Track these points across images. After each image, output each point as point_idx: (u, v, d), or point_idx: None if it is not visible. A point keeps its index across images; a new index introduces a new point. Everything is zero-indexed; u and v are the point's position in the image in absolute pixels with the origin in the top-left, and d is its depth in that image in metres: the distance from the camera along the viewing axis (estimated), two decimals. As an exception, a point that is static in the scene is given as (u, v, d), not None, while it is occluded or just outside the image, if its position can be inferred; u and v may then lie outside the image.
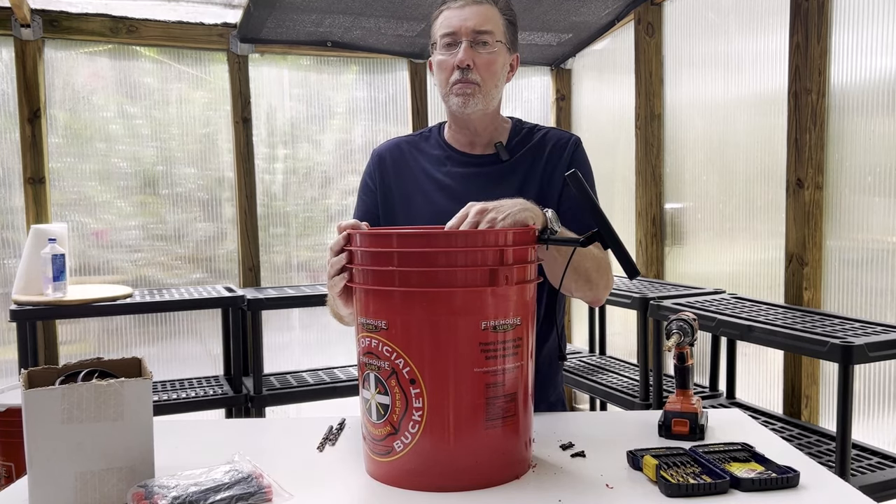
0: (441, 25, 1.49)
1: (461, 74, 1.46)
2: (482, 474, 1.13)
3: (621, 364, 3.37)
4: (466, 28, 1.46)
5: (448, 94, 1.50)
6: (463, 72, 1.46)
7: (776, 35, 2.70)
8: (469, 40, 1.45)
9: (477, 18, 1.46)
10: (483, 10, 1.47)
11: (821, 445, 2.23)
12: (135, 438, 1.11)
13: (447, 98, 1.51)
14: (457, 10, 1.47)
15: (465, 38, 1.45)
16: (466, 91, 1.47)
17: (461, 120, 1.53)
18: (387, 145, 1.63)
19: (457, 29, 1.46)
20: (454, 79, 1.47)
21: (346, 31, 3.37)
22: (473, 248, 1.12)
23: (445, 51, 1.48)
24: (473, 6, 1.47)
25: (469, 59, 1.45)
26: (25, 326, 2.78)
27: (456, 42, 1.46)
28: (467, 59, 1.45)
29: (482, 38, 1.46)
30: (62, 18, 3.18)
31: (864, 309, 2.44)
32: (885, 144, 2.35)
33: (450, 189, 1.53)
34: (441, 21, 1.50)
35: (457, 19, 1.46)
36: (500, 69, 1.50)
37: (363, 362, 1.18)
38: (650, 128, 3.36)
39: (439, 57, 1.49)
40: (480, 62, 1.46)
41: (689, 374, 1.39)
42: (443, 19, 1.49)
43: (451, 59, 1.47)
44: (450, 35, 1.47)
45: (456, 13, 1.47)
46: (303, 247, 3.67)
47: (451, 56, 1.47)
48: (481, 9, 1.47)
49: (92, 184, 3.29)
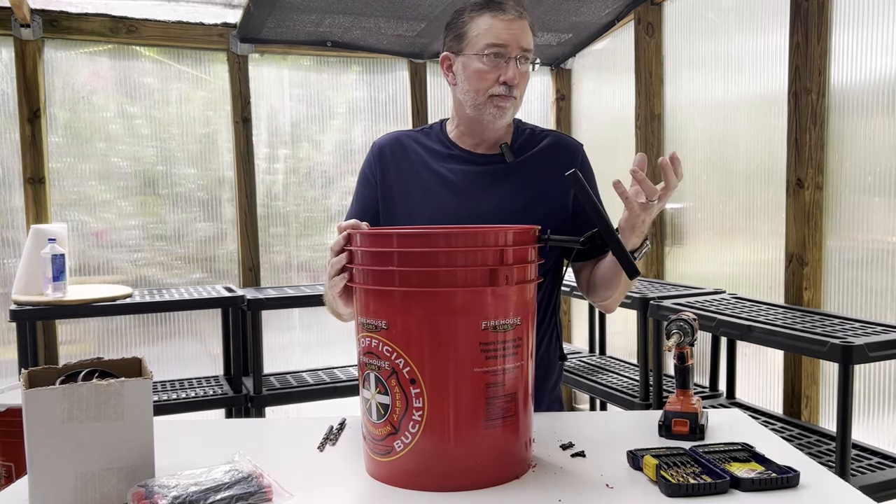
0: (486, 33, 1.45)
1: (506, 90, 1.46)
2: (482, 474, 1.13)
3: (621, 364, 3.37)
4: (517, 45, 1.45)
5: (484, 104, 1.48)
6: (509, 88, 1.45)
7: (776, 35, 2.70)
8: (516, 57, 1.45)
9: (525, 36, 1.46)
10: (525, 25, 1.48)
11: (821, 445, 2.23)
12: (135, 438, 1.11)
13: (481, 107, 1.48)
14: (506, 23, 1.45)
15: (514, 54, 1.45)
16: (505, 105, 1.47)
17: (479, 125, 1.52)
18: (387, 138, 1.61)
19: (507, 43, 1.44)
20: (497, 92, 1.46)
21: (346, 31, 3.37)
22: (473, 248, 1.12)
23: (489, 62, 1.45)
24: (520, 21, 1.46)
25: (517, 76, 1.45)
26: (25, 326, 2.78)
27: (503, 56, 1.45)
28: (516, 77, 1.45)
29: (527, 55, 1.47)
30: (62, 18, 3.18)
31: (864, 309, 2.44)
32: (885, 144, 2.35)
33: (452, 184, 1.53)
34: (485, 28, 1.45)
35: (507, 33, 1.44)
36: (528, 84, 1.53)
37: (363, 362, 1.18)
38: (650, 128, 3.36)
39: (479, 66, 1.46)
40: (521, 79, 1.47)
41: (690, 374, 1.39)
42: (488, 27, 1.45)
43: (496, 73, 1.45)
44: (498, 47, 1.44)
45: (505, 25, 1.44)
46: (303, 247, 3.67)
47: (495, 69, 1.45)
48: (524, 24, 1.47)
49: (92, 184, 3.29)
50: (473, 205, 1.50)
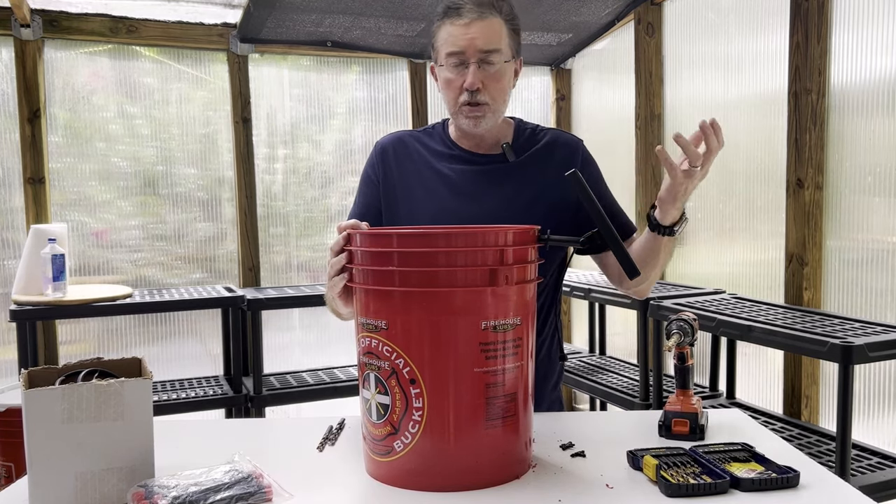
0: (445, 42, 1.43)
1: (470, 96, 1.42)
2: (482, 474, 1.13)
3: (621, 364, 3.37)
4: (474, 48, 1.40)
5: (457, 114, 1.47)
6: (472, 94, 1.42)
7: (776, 35, 2.70)
8: (476, 61, 1.41)
9: (484, 37, 1.40)
10: (488, 24, 1.41)
11: (821, 445, 2.23)
12: (135, 438, 1.11)
13: (456, 117, 1.48)
14: (462, 28, 1.40)
15: (473, 59, 1.41)
16: (477, 114, 1.44)
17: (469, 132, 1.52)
18: (390, 138, 1.61)
19: (463, 49, 1.41)
20: (463, 100, 1.44)
21: (346, 31, 3.37)
22: (473, 248, 1.12)
23: (453, 70, 1.43)
24: (479, 22, 1.40)
25: (478, 81, 1.41)
26: (25, 326, 2.78)
27: (463, 62, 1.42)
28: (476, 83, 1.41)
29: (490, 56, 1.41)
30: (62, 18, 3.18)
31: (864, 309, 2.44)
32: (885, 144, 2.35)
33: (454, 184, 1.53)
34: (445, 37, 1.43)
35: (463, 39, 1.40)
36: (507, 84, 1.47)
37: (363, 362, 1.18)
38: (650, 128, 3.36)
39: (447, 75, 1.45)
40: (489, 82, 1.43)
41: (690, 374, 1.39)
42: (447, 35, 1.43)
43: (459, 80, 1.43)
44: (456, 55, 1.42)
45: (461, 30, 1.40)
46: (303, 247, 3.67)
47: (458, 76, 1.43)
48: (486, 24, 1.41)
49: (92, 184, 3.29)
50: (475, 205, 1.50)
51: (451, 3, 1.43)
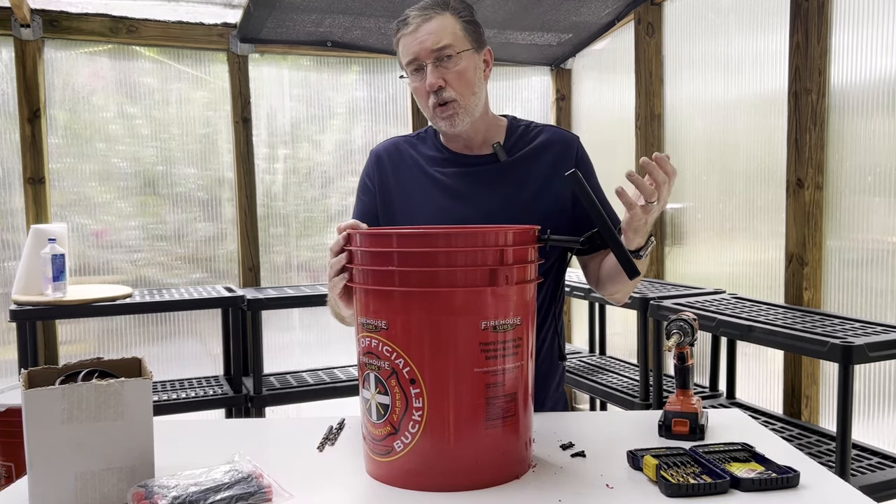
0: (403, 53, 1.47)
1: (436, 97, 1.45)
2: (482, 474, 1.13)
3: (621, 364, 3.37)
4: (425, 50, 1.43)
5: (433, 118, 1.50)
6: (437, 94, 1.44)
7: (776, 35, 2.70)
8: (432, 62, 1.43)
9: (432, 37, 1.42)
10: (435, 24, 1.43)
11: (821, 445, 2.23)
12: (135, 438, 1.11)
13: (434, 121, 1.51)
14: (410, 36, 1.44)
15: (427, 60, 1.43)
16: (448, 113, 1.46)
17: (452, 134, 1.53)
18: (384, 145, 1.63)
19: (416, 54, 1.44)
20: (432, 102, 1.46)
21: (346, 31, 3.37)
22: (473, 248, 1.12)
23: (415, 77, 1.47)
24: (425, 24, 1.43)
25: (438, 80, 1.43)
26: (25, 326, 2.78)
27: (421, 67, 1.45)
28: (437, 82, 1.43)
29: (444, 52, 1.43)
30: (62, 18, 3.18)
31: (864, 309, 2.44)
32: (885, 144, 2.35)
33: (448, 188, 1.53)
34: (402, 49, 1.48)
35: (414, 44, 1.44)
36: (473, 75, 1.47)
37: (363, 362, 1.18)
38: (650, 128, 3.36)
39: (412, 84, 1.49)
40: (451, 78, 1.44)
41: (690, 374, 1.39)
42: (402, 47, 1.47)
43: (423, 85, 1.45)
44: (413, 62, 1.45)
45: (411, 38, 1.44)
46: (303, 247, 3.67)
47: (421, 82, 1.46)
48: (433, 24, 1.43)
49: (92, 184, 3.29)
50: (470, 207, 1.50)
51: (399, 18, 1.48)
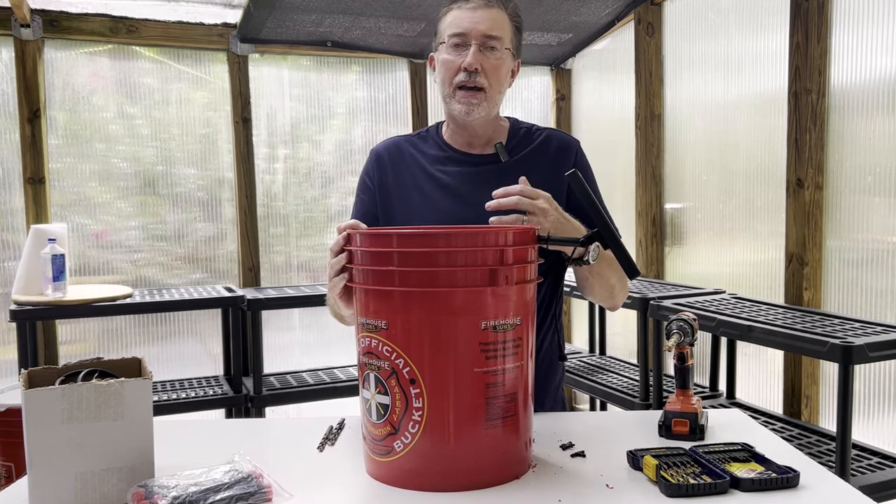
0: (450, 24, 1.47)
1: (467, 77, 1.45)
2: (482, 474, 1.13)
3: (621, 364, 3.37)
4: (477, 31, 1.44)
5: (451, 97, 1.48)
6: (470, 74, 1.44)
7: (776, 35, 2.70)
8: (478, 44, 1.44)
9: (488, 23, 1.44)
10: (494, 14, 1.46)
11: (821, 445, 2.23)
12: (135, 438, 1.11)
13: (449, 100, 1.49)
14: (468, 12, 1.45)
15: (475, 41, 1.44)
16: (472, 101, 1.46)
17: (461, 123, 1.53)
18: (385, 144, 1.63)
19: (467, 31, 1.44)
20: (459, 80, 1.46)
21: (346, 31, 3.37)
22: (473, 248, 1.12)
23: (453, 51, 1.46)
24: (485, 9, 1.45)
25: (478, 62, 1.44)
26: (25, 326, 2.78)
27: (465, 44, 1.45)
28: (476, 63, 1.44)
29: (491, 42, 1.45)
30: (62, 18, 3.18)
31: (864, 309, 2.44)
32: (885, 144, 2.35)
33: (448, 188, 1.53)
34: (450, 20, 1.48)
35: (468, 21, 1.45)
36: (505, 75, 1.50)
37: (363, 362, 1.18)
38: (650, 128, 3.36)
39: (445, 56, 1.48)
40: (488, 66, 1.45)
41: (689, 374, 1.39)
42: (452, 18, 1.47)
43: (458, 60, 1.45)
44: (459, 35, 1.45)
45: (467, 14, 1.45)
46: (303, 247, 3.67)
47: (458, 57, 1.45)
48: (492, 13, 1.45)
49: (92, 184, 3.29)
50: (471, 206, 1.50)
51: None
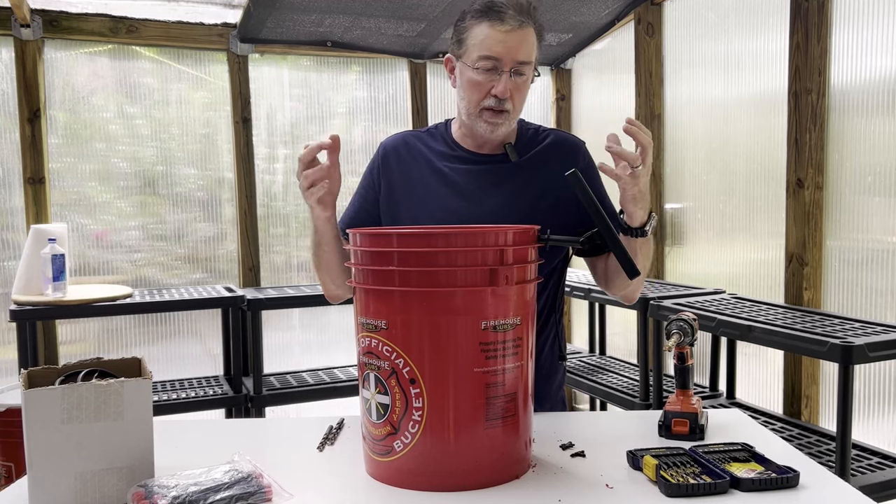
0: (482, 44, 1.42)
1: (496, 102, 1.43)
2: (482, 474, 1.13)
3: (621, 364, 3.37)
4: (510, 58, 1.41)
5: (476, 117, 1.47)
6: (500, 101, 1.43)
7: (776, 35, 2.70)
8: (510, 70, 1.42)
9: (521, 48, 1.42)
10: (525, 35, 1.42)
11: (821, 445, 2.23)
12: (135, 438, 1.11)
13: (474, 120, 1.48)
14: (502, 34, 1.40)
15: (507, 68, 1.42)
16: (498, 121, 1.46)
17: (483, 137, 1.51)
18: (393, 138, 1.62)
19: (500, 56, 1.41)
20: (487, 104, 1.44)
21: (346, 31, 3.37)
22: (473, 247, 1.12)
23: (482, 73, 1.43)
24: (518, 31, 1.41)
25: (508, 91, 1.43)
26: (25, 326, 2.78)
27: (495, 68, 1.42)
28: (507, 92, 1.43)
29: (522, 68, 1.43)
30: (62, 18, 3.18)
31: (864, 309, 2.44)
32: (885, 144, 2.35)
33: (456, 185, 1.53)
34: (482, 38, 1.42)
35: (501, 46, 1.41)
36: (527, 91, 1.49)
37: (363, 362, 1.18)
38: (650, 128, 3.36)
39: (474, 76, 1.44)
40: (515, 91, 1.44)
41: (689, 374, 1.39)
42: (483, 36, 1.42)
43: (488, 85, 1.43)
44: (492, 60, 1.42)
45: (501, 37, 1.40)
46: (303, 247, 3.67)
47: (488, 81, 1.43)
48: (524, 34, 1.42)
49: (92, 184, 3.29)
50: (477, 205, 1.50)
51: (492, 5, 1.42)
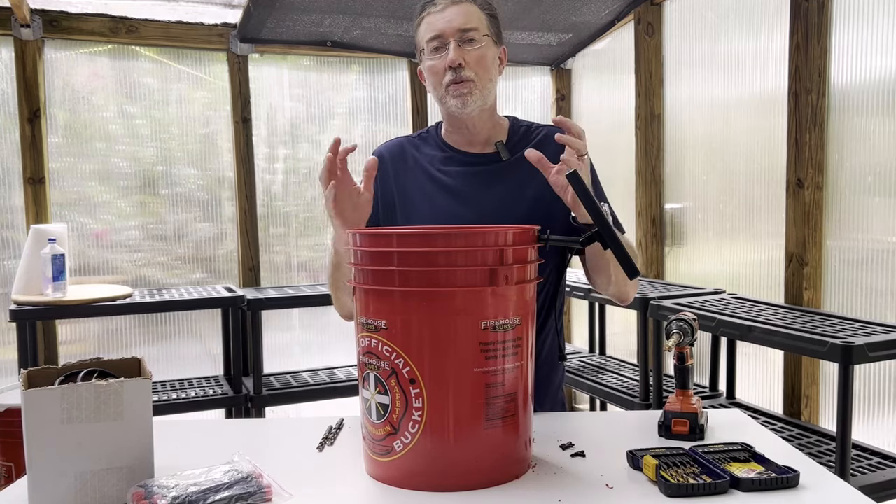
0: (426, 31, 1.50)
1: (454, 74, 1.46)
2: (482, 474, 1.13)
3: (621, 364, 3.37)
4: (452, 28, 1.46)
5: (444, 97, 1.50)
6: (455, 71, 1.46)
7: (776, 35, 2.70)
8: (456, 40, 1.46)
9: (460, 18, 1.47)
10: (463, 8, 1.48)
11: (821, 445, 2.23)
12: (135, 438, 1.11)
13: (444, 100, 1.51)
14: (438, 14, 1.48)
15: (452, 38, 1.46)
16: (463, 91, 1.47)
17: (459, 120, 1.53)
18: (387, 145, 1.63)
19: (442, 31, 1.47)
20: (447, 80, 1.47)
21: (346, 31, 3.37)
22: (473, 248, 1.12)
23: (434, 55, 1.49)
24: (453, 7, 1.48)
25: (459, 57, 1.46)
26: (25, 326, 2.78)
27: (443, 45, 1.47)
28: (458, 58, 1.45)
29: (468, 35, 1.47)
30: (62, 18, 3.18)
31: (864, 309, 2.44)
32: (885, 144, 2.35)
33: (450, 188, 1.53)
34: (425, 27, 1.51)
35: (441, 22, 1.47)
36: (492, 63, 1.51)
37: (363, 362, 1.18)
38: (650, 128, 3.36)
39: (429, 62, 1.50)
40: (471, 59, 1.47)
41: (689, 374, 1.39)
42: (426, 25, 1.50)
43: (442, 63, 1.47)
44: (436, 38, 1.48)
45: (438, 16, 1.48)
46: (303, 247, 3.67)
47: (440, 59, 1.47)
48: (462, 8, 1.48)
49: (92, 184, 3.29)
50: (473, 206, 1.50)
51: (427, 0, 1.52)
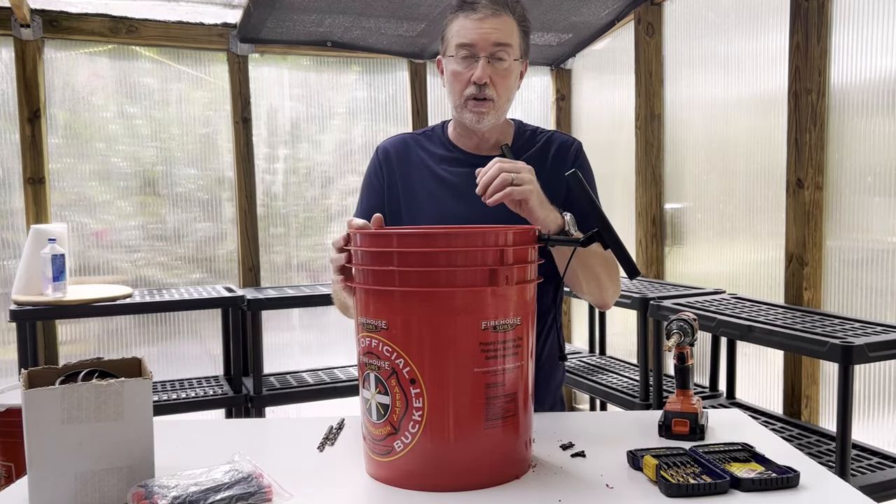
0: (457, 34, 1.46)
1: (477, 90, 1.44)
2: (482, 474, 1.13)
3: (621, 364, 3.37)
4: (486, 42, 1.43)
5: (462, 108, 1.48)
6: (479, 88, 1.44)
7: (776, 35, 2.70)
8: (486, 56, 1.43)
9: (496, 33, 1.43)
10: (501, 22, 1.44)
11: (821, 445, 2.23)
12: (135, 438, 1.11)
13: (460, 111, 1.49)
14: (476, 22, 1.44)
15: (483, 53, 1.43)
16: (482, 109, 1.46)
17: (470, 129, 1.53)
18: (392, 141, 1.62)
19: (475, 42, 1.43)
20: (469, 93, 1.45)
21: (346, 31, 3.37)
22: (473, 248, 1.12)
23: (462, 63, 1.46)
24: (493, 18, 1.43)
25: (486, 76, 1.43)
26: (25, 326, 2.78)
27: (473, 55, 1.44)
28: (485, 77, 1.43)
29: (499, 52, 1.44)
30: (62, 18, 3.18)
31: (864, 309, 2.44)
32: (885, 144, 2.35)
33: (455, 187, 1.53)
34: (457, 29, 1.46)
35: (475, 32, 1.43)
36: (514, 82, 1.50)
37: (363, 362, 1.18)
38: (650, 128, 3.36)
39: (454, 67, 1.47)
40: (496, 78, 1.45)
41: (689, 374, 1.39)
42: (459, 28, 1.46)
43: (468, 73, 1.45)
44: (467, 47, 1.44)
45: (475, 24, 1.44)
46: (303, 247, 3.67)
47: (467, 70, 1.45)
48: (500, 21, 1.44)
49: (92, 184, 3.29)
50: (476, 207, 1.50)
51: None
